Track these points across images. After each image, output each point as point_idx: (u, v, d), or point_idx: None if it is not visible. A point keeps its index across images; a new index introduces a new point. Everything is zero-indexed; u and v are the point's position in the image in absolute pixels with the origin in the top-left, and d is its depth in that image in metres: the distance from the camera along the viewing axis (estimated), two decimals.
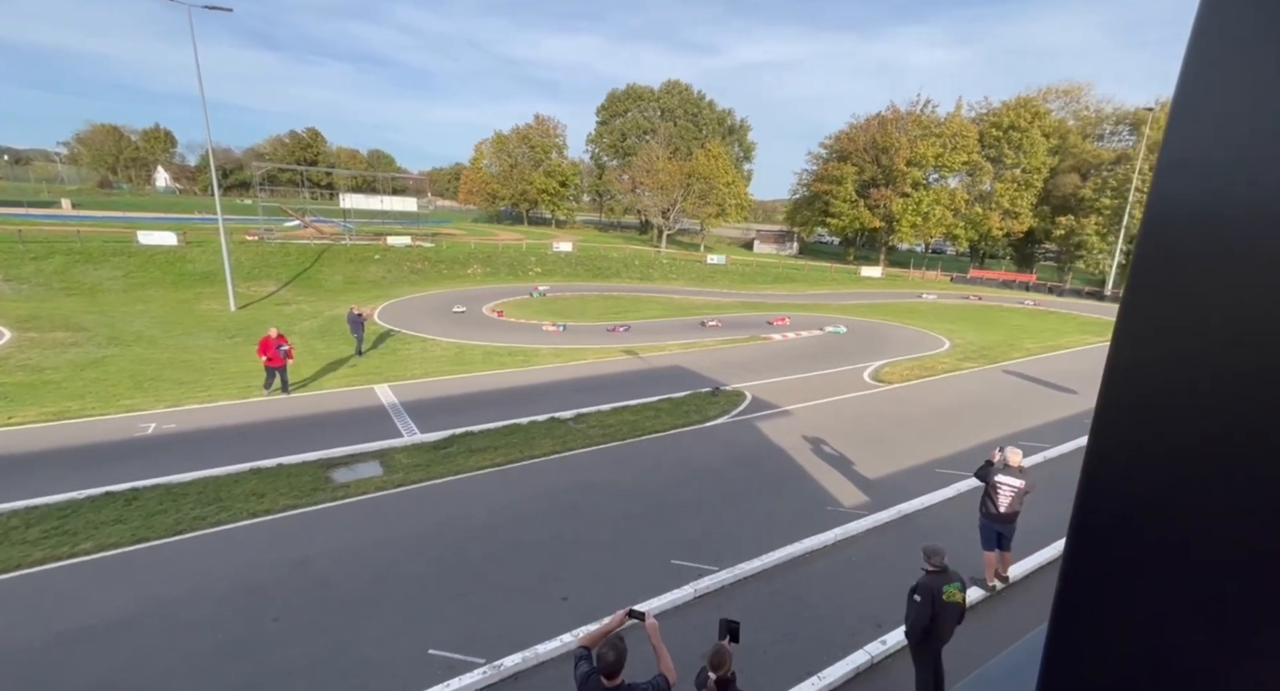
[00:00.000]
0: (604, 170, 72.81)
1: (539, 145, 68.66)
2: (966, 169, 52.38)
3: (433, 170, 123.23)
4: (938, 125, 52.03)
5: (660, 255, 49.07)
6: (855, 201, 53.90)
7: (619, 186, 63.76)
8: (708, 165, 54.70)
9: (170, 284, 26.42)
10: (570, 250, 43.97)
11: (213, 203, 24.38)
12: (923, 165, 50.93)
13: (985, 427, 12.39)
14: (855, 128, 57.12)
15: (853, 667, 5.65)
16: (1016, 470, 6.76)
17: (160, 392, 12.60)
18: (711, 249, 59.68)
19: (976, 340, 22.71)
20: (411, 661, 5.46)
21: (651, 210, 57.04)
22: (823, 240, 77.41)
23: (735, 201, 58.97)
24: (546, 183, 67.13)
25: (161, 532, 7.31)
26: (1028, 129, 50.43)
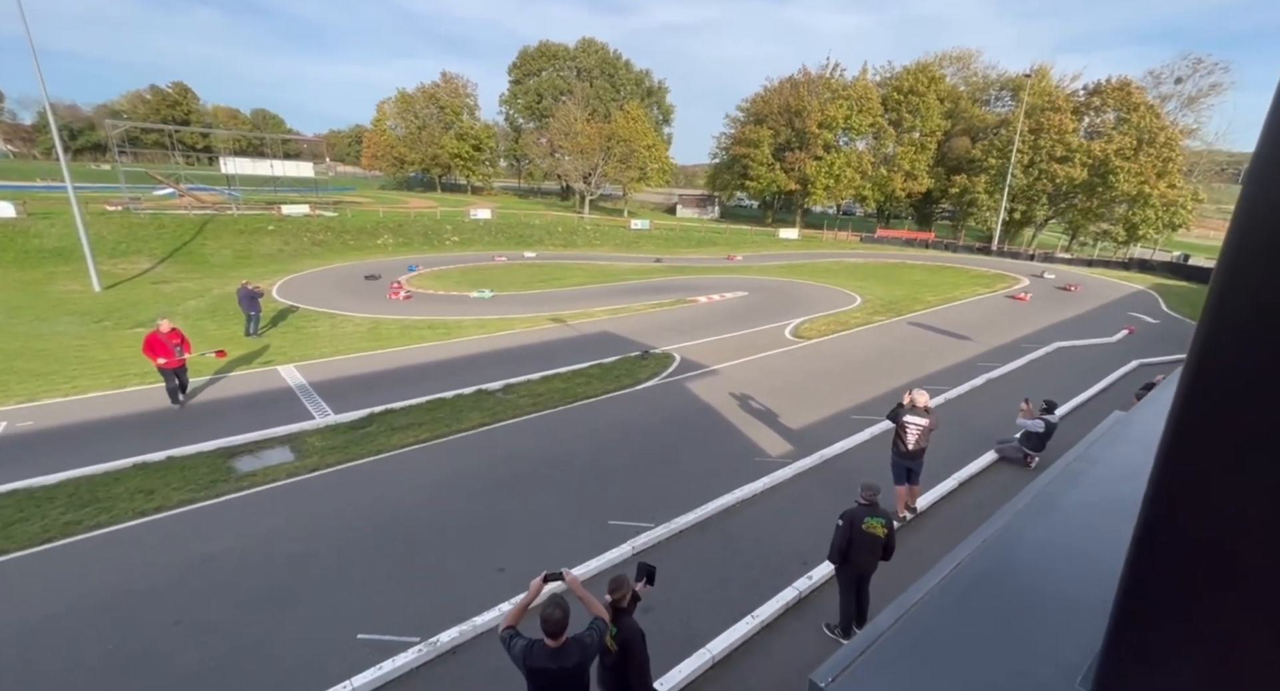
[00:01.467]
0: (520, 133, 69.64)
1: (448, 106, 64.40)
2: (872, 131, 54.86)
3: (330, 133, 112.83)
4: (845, 89, 53.83)
5: (584, 221, 48.14)
6: (772, 165, 55.14)
7: (537, 150, 61.32)
8: (627, 127, 53.70)
9: (12, 263, 22.74)
10: (489, 218, 42.11)
11: (58, 168, 20.94)
12: (833, 127, 52.74)
13: (894, 376, 13.31)
14: (770, 91, 57.92)
15: (783, 604, 5.98)
16: (923, 410, 7.30)
17: (9, 387, 10.90)
18: (635, 214, 59.24)
19: (884, 295, 24.22)
20: (338, 649, 5.18)
21: (572, 175, 55.54)
22: (742, 204, 78.94)
23: (656, 165, 58.60)
24: (459, 146, 63.39)
25: (24, 543, 6.40)
26: (925, 93, 53.36)
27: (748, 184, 58.22)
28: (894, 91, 54.78)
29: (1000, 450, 9.45)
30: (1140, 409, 3.03)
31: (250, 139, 65.55)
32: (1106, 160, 40.54)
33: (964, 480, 8.71)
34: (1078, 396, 12.31)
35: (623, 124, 53.96)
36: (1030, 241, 50.66)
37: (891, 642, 1.15)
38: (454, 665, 5.14)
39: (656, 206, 76.06)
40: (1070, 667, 1.14)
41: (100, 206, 29.34)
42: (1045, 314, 21.30)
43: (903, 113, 54.20)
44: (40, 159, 71.62)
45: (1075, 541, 1.62)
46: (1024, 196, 46.30)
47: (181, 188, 39.33)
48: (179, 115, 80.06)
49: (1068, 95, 46.50)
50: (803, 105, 53.57)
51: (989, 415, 11.02)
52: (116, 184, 34.18)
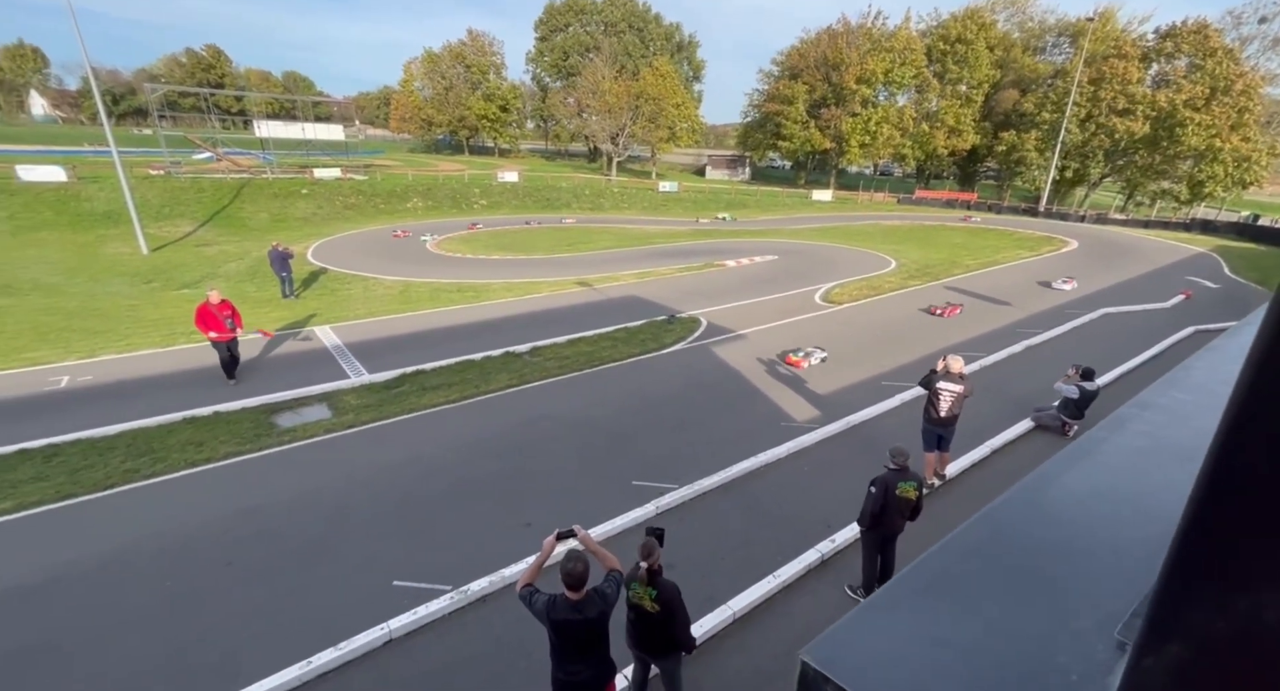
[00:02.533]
0: (547, 93, 68.19)
1: (475, 65, 63.24)
2: (915, 85, 51.81)
3: (359, 95, 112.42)
4: (887, 39, 50.69)
5: (611, 184, 47.38)
6: (806, 123, 52.87)
7: (564, 110, 60.11)
8: (656, 85, 51.97)
9: (66, 225, 23.72)
10: (516, 181, 41.80)
11: (103, 133, 21.49)
12: (872, 82, 49.99)
13: (928, 342, 12.94)
14: (806, 43, 55.05)
15: (805, 565, 6.03)
16: (957, 376, 7.09)
17: (70, 344, 11.53)
18: (663, 176, 57.94)
19: (920, 259, 23.35)
20: (376, 594, 5.47)
21: (600, 135, 54.37)
22: (774, 165, 76.34)
23: (686, 124, 56.84)
24: (486, 107, 62.52)
25: (90, 488, 6.88)
26: (973, 42, 49.89)
27: (780, 144, 56.14)
28: (939, 40, 51.35)
29: (1037, 418, 9.17)
30: (1201, 357, 2.83)
31: (283, 102, 65.91)
32: (1174, 111, 37.49)
33: (997, 448, 8.52)
34: (1123, 364, 11.78)
35: (651, 81, 52.22)
36: (1082, 202, 47.82)
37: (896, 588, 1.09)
38: (484, 612, 5.38)
39: (685, 168, 74.21)
40: (1109, 616, 1.06)
41: (144, 171, 30.15)
42: (1094, 279, 20.25)
43: (948, 63, 50.91)
44: (86, 124, 73.60)
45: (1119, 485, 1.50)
46: (1078, 153, 43.44)
47: (219, 152, 40.06)
48: (213, 78, 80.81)
49: (1135, 40, 42.82)
50: (841, 58, 50.78)
51: (1027, 382, 10.67)
52: (158, 148, 35.00)
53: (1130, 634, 0.97)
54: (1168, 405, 2.07)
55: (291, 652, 4.77)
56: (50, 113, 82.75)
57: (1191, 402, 2.09)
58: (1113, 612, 1.07)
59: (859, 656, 0.89)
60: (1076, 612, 1.06)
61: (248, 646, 4.90)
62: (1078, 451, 1.68)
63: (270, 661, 4.70)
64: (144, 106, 65.32)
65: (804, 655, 0.87)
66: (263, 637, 4.99)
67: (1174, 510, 0.54)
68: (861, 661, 0.87)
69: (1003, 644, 0.91)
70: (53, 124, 76.78)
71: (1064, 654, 0.94)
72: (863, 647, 0.90)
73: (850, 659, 0.87)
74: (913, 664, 0.87)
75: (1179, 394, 2.21)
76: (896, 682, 0.86)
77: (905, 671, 0.88)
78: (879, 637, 0.93)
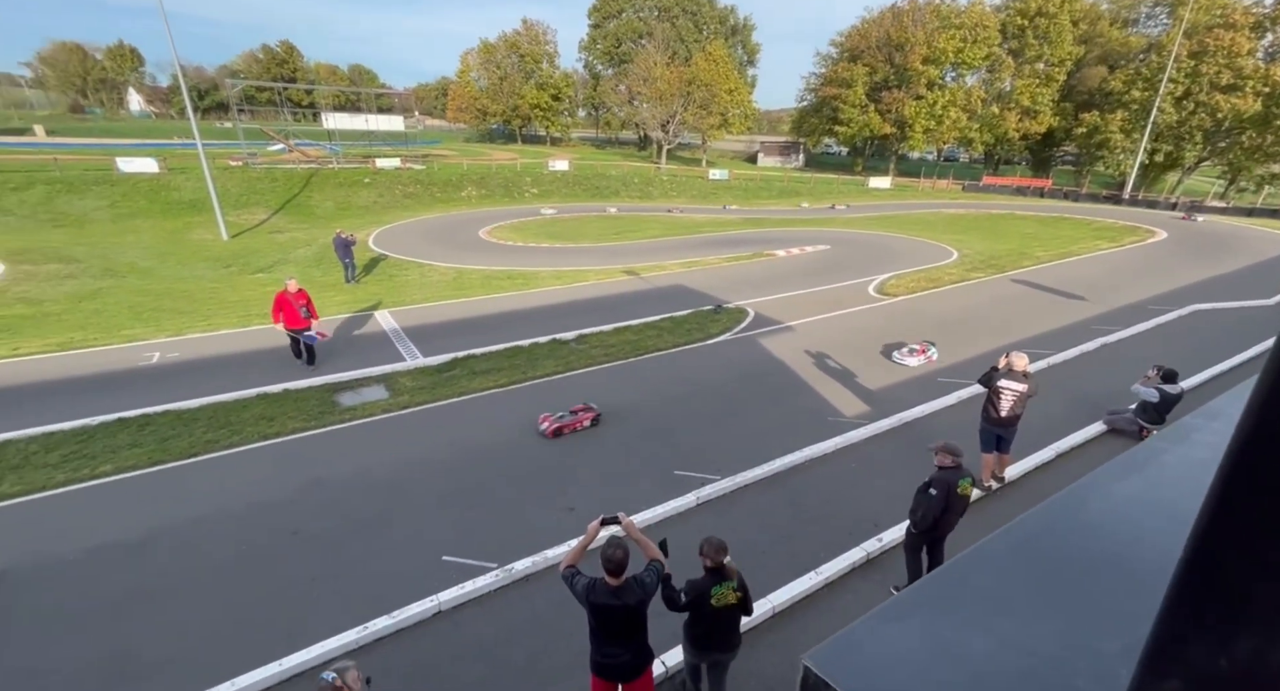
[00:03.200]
0: (599, 80, 68.18)
1: (529, 54, 63.93)
2: (986, 65, 48.60)
3: (418, 86, 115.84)
4: (957, 16, 47.64)
5: (660, 172, 47.07)
6: (865, 106, 50.69)
7: (615, 98, 59.93)
8: (709, 70, 50.98)
9: (158, 213, 25.71)
10: (567, 169, 42.16)
11: (189, 127, 23.08)
12: (940, 62, 47.26)
13: (988, 337, 12.28)
14: (868, 23, 52.61)
15: (849, 563, 5.90)
16: (1021, 375, 6.70)
17: (161, 322, 12.56)
18: (714, 163, 57.11)
19: (985, 250, 22.11)
20: (427, 567, 5.74)
21: (650, 123, 53.98)
22: (830, 151, 73.82)
23: (739, 110, 55.57)
24: (539, 96, 63.20)
25: (176, 455, 7.51)
26: (1056, 15, 46.15)
27: (837, 129, 54.10)
28: (1017, 15, 47.83)
29: (1111, 421, 8.57)
30: None
31: (348, 94, 68.78)
32: None
33: (1063, 451, 8.02)
34: (1214, 366, 10.81)
35: (704, 66, 51.25)
36: (1174, 188, 43.87)
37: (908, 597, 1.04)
38: (526, 590, 5.56)
39: (736, 155, 72.81)
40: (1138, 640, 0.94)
41: (224, 162, 32.23)
42: (1183, 272, 18.61)
43: (1027, 39, 47.36)
44: (176, 118, 79.25)
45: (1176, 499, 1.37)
46: (1171, 134, 39.78)
47: (290, 143, 42.27)
48: (286, 73, 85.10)
49: (1246, 7, 38.62)
50: (905, 38, 48.27)
51: (1102, 383, 9.97)
52: (237, 141, 37.29)
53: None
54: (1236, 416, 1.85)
55: (349, 617, 5.08)
56: (145, 108, 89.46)
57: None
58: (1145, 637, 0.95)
59: (862, 664, 0.85)
60: (1102, 633, 0.97)
61: (310, 609, 5.25)
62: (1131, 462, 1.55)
63: (330, 623, 5.03)
64: (225, 101, 69.64)
65: (806, 660, 0.85)
66: (323, 602, 5.33)
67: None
68: (864, 669, 0.84)
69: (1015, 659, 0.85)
70: (147, 119, 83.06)
71: (1082, 677, 0.87)
72: (867, 655, 0.87)
73: (853, 666, 0.84)
74: (916, 675, 0.84)
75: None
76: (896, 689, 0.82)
77: (908, 683, 0.84)
78: (884, 646, 0.89)
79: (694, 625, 3.97)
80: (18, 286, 15.03)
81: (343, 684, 2.88)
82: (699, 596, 3.79)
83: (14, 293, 14.47)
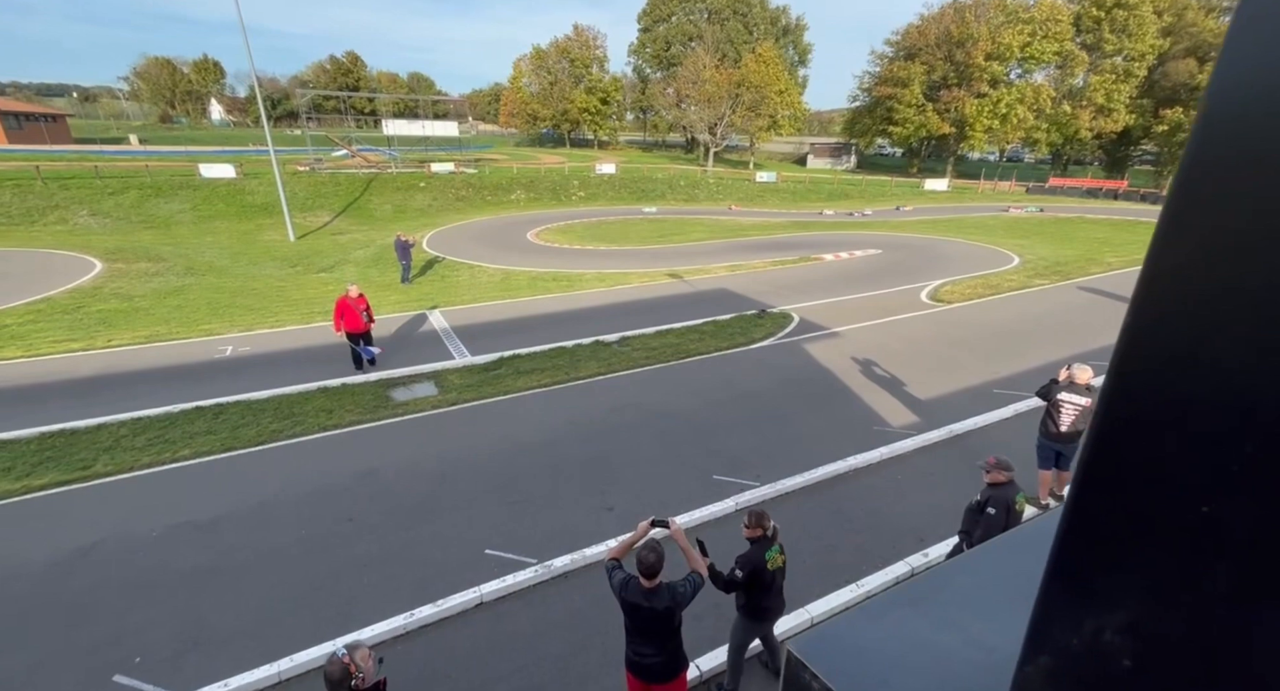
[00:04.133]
0: (647, 84, 68.61)
1: (579, 59, 65.02)
2: (1057, 61, 46.05)
3: (472, 92, 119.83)
4: (1025, 10, 45.38)
5: (706, 175, 46.89)
6: (922, 106, 48.98)
7: (663, 101, 60.13)
8: (758, 72, 50.48)
9: (234, 216, 27.55)
10: (614, 172, 42.61)
11: (263, 134, 24.67)
12: (1005, 58, 45.09)
13: (1050, 347, 11.65)
14: (927, 20, 50.83)
15: (892, 577, 5.74)
16: (1084, 388, 6.35)
17: (234, 318, 13.47)
18: (761, 166, 56.43)
19: (1050, 255, 20.97)
20: (470, 559, 5.94)
21: (698, 125, 53.87)
22: (883, 152, 71.71)
23: (788, 111, 54.79)
24: (587, 101, 64.14)
25: (246, 443, 8.04)
26: (1137, 5, 43.26)
27: (891, 129, 52.53)
28: (1093, 6, 45.13)
29: None
30: None
31: (407, 101, 71.76)
32: None
33: None
34: None
35: (753, 68, 50.79)
36: None
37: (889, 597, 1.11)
38: (565, 587, 5.67)
39: (785, 157, 71.68)
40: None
41: (293, 167, 34.24)
42: None
43: (1104, 32, 44.63)
44: (251, 127, 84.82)
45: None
46: None
47: (353, 149, 44.49)
48: (350, 82, 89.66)
49: None
50: (967, 34, 46.35)
51: None
52: (305, 147, 39.60)
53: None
54: None
55: (397, 603, 5.33)
56: (225, 117, 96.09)
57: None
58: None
59: (838, 651, 0.97)
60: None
61: (362, 593, 5.53)
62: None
63: (380, 608, 5.28)
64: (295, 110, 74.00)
65: (791, 646, 0.96)
66: (374, 587, 5.61)
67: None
68: (839, 655, 0.96)
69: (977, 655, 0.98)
70: (227, 127, 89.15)
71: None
72: (843, 644, 0.99)
73: (830, 652, 0.97)
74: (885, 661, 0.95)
75: None
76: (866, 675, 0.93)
77: (876, 666, 0.95)
78: (860, 636, 1.01)
79: (755, 597, 4.16)
80: (113, 283, 16.44)
81: (351, 661, 2.91)
82: (756, 567, 3.99)
83: (109, 288, 15.84)
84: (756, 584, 4.07)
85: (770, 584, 4.15)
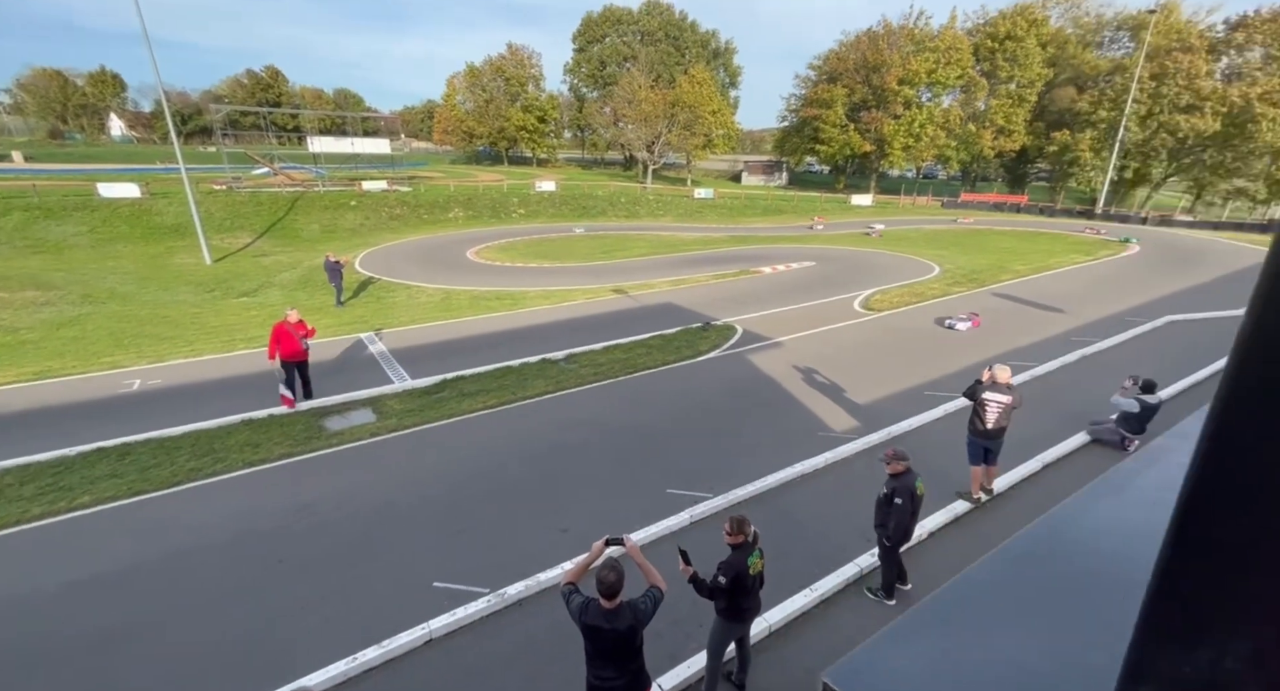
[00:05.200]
0: (584, 103, 69.28)
1: (514, 77, 64.88)
2: (960, 85, 50.27)
3: (404, 109, 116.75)
4: (931, 39, 49.44)
5: (646, 192, 47.64)
6: (846, 126, 52.01)
7: (600, 120, 60.86)
8: (692, 92, 52.08)
9: (139, 238, 25.43)
10: (554, 190, 42.53)
11: (173, 151, 23.01)
12: (915, 83, 48.80)
13: (972, 350, 12.49)
14: (845, 46, 54.26)
15: (843, 579, 5.91)
16: (1005, 387, 6.83)
17: (142, 349, 12.35)
18: (699, 183, 57.97)
19: (966, 264, 22.59)
20: (417, 594, 5.64)
21: (635, 144, 54.81)
22: (812, 169, 75.33)
23: (722, 131, 56.73)
24: (524, 119, 63.96)
25: (158, 485, 7.34)
26: (1024, 38, 48.11)
27: (818, 148, 55.39)
28: (988, 38, 49.74)
29: (1094, 432, 8.73)
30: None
31: (334, 118, 69.09)
32: (1248, 107, 35.22)
33: (1049, 462, 8.14)
34: (1189, 376, 11.08)
35: (687, 89, 52.36)
36: (1144, 203, 45.32)
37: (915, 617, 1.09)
38: (520, 615, 5.48)
39: (720, 174, 74.00)
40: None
41: (208, 186, 32.05)
42: (1159, 284, 19.15)
43: (998, 61, 49.19)
44: (158, 143, 78.82)
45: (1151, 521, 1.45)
46: (1138, 152, 41.25)
47: (275, 167, 42.23)
48: (271, 97, 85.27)
49: (1202, 32, 40.48)
50: (882, 60, 49.81)
51: (1082, 394, 10.16)
52: (221, 165, 37.23)
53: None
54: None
55: (339, 648, 4.96)
56: (127, 133, 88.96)
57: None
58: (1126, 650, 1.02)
59: (878, 679, 0.91)
60: (1094, 647, 1.03)
61: (299, 640, 5.12)
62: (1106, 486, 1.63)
63: (319, 656, 4.90)
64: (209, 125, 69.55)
65: (826, 677, 0.90)
66: (313, 632, 5.21)
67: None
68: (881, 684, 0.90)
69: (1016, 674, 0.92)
70: (129, 144, 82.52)
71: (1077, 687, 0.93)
72: (882, 671, 0.93)
73: (870, 682, 0.90)
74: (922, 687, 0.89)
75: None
76: None
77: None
78: (897, 662, 0.95)
79: (736, 599, 4.20)
80: None
81: None
82: (739, 572, 4.05)
83: None
84: (738, 588, 4.12)
85: (750, 588, 4.25)
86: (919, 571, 5.95)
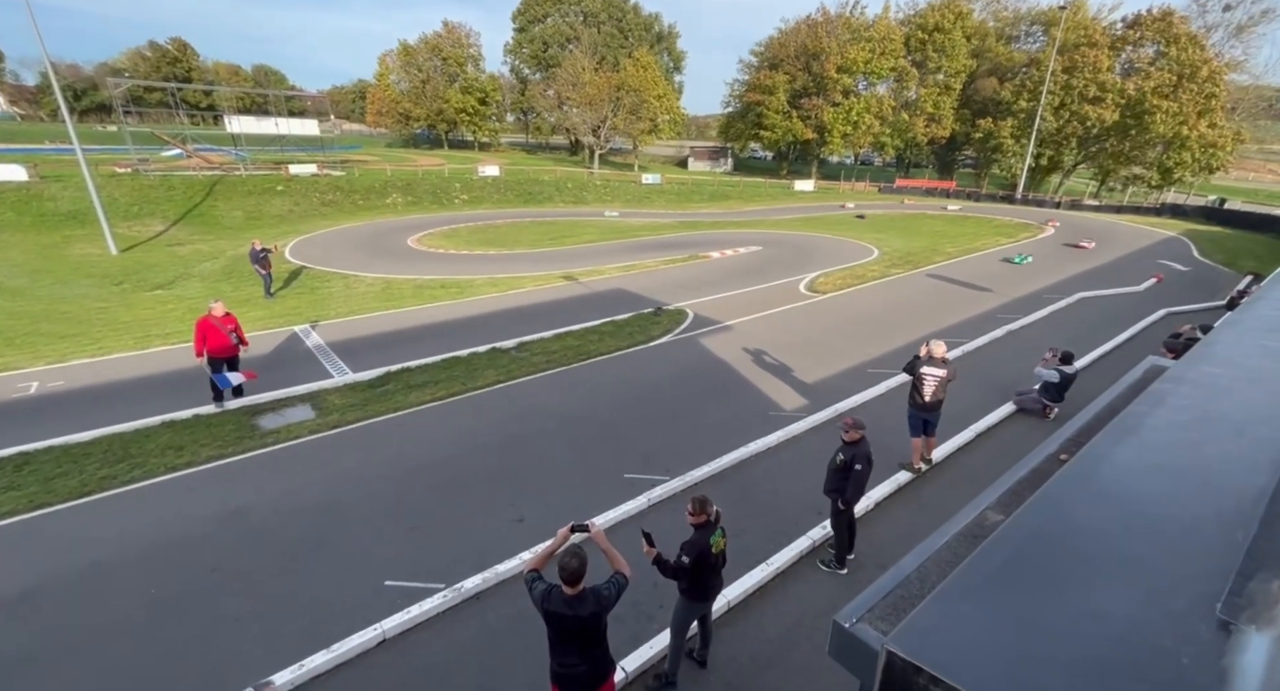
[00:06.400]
0: (527, 85, 67.35)
1: (451, 57, 62.13)
2: (894, 75, 52.13)
3: (333, 89, 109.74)
4: (866, 29, 50.92)
5: (593, 177, 47.04)
6: (788, 113, 52.99)
7: (544, 103, 59.39)
8: (637, 76, 51.60)
9: (29, 226, 22.91)
10: (498, 174, 41.30)
11: (65, 130, 20.74)
12: (852, 71, 50.22)
13: (912, 329, 13.09)
14: (786, 33, 55.12)
15: (797, 552, 6.09)
16: (940, 361, 7.18)
17: (38, 348, 11.17)
18: (646, 168, 57.73)
19: (902, 247, 23.60)
20: (368, 595, 5.40)
21: (581, 128, 53.90)
22: (756, 155, 76.45)
23: (668, 116, 56.60)
24: (464, 100, 61.50)
25: (65, 496, 6.67)
26: (951, 30, 50.31)
27: (762, 134, 56.20)
28: (918, 30, 51.70)
29: (1019, 402, 9.34)
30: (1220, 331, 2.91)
31: (254, 96, 64.23)
32: (1142, 99, 38.24)
33: (981, 431, 8.66)
34: (1100, 347, 12.04)
35: (632, 73, 51.82)
36: (1056, 188, 48.67)
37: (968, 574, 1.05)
38: (478, 609, 5.35)
39: (667, 160, 73.98)
40: (1201, 595, 0.99)
41: (110, 169, 29.17)
42: (1069, 265, 20.65)
43: (928, 52, 51.28)
44: (47, 121, 70.91)
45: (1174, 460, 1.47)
46: (1052, 141, 44.14)
47: (189, 148, 38.95)
48: (179, 73, 78.25)
49: (1104, 29, 43.51)
50: (820, 48, 50.93)
51: (1008, 367, 10.86)
52: (124, 145, 33.90)
53: (1234, 613, 0.92)
54: (1200, 379, 2.10)
55: (282, 657, 4.69)
56: (8, 109, 79.70)
57: (1225, 376, 2.13)
58: (1205, 592, 1.01)
59: (947, 644, 0.87)
60: (1166, 592, 1.03)
61: (237, 653, 4.81)
62: (1122, 427, 1.67)
63: (261, 667, 4.62)
64: (107, 102, 63.09)
65: (890, 645, 0.83)
66: (252, 643, 4.90)
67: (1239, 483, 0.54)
68: (951, 649, 0.86)
69: (1094, 627, 0.87)
70: (11, 121, 73.96)
71: (1166, 636, 0.90)
72: (949, 635, 0.86)
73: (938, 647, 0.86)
74: (1006, 651, 0.86)
75: (1209, 368, 2.25)
76: (994, 670, 0.82)
77: (1000, 659, 0.84)
78: (963, 625, 0.91)
79: (699, 578, 4.25)
80: None
81: None
82: (702, 552, 4.10)
83: None
84: (702, 567, 4.17)
85: (714, 566, 4.32)
86: (869, 541, 6.22)
